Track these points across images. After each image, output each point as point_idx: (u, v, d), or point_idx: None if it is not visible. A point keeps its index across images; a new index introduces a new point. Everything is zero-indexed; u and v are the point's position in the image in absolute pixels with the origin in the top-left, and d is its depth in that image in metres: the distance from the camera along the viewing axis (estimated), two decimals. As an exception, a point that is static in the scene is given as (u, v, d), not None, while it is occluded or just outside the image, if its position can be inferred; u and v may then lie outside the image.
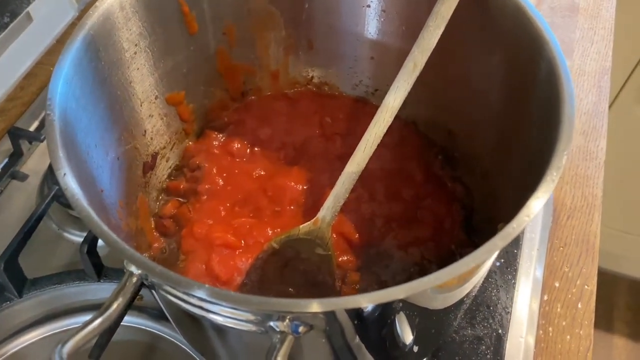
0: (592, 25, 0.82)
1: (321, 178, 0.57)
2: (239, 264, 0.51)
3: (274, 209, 0.56)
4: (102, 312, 0.33)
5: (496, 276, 0.57)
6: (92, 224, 0.33)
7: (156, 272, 0.31)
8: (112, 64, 0.47)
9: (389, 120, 0.49)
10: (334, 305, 0.31)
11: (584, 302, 0.57)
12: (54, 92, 0.38)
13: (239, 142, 0.60)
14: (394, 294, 0.31)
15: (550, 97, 0.40)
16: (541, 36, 0.42)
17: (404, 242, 0.53)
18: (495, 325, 0.54)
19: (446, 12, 0.46)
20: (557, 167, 0.35)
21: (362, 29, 0.58)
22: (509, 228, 0.33)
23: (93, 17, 0.44)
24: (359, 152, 0.49)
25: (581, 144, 0.70)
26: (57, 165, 0.35)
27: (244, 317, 0.34)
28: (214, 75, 0.59)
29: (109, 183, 0.46)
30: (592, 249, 0.61)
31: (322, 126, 0.61)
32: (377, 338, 0.40)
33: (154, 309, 0.56)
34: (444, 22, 0.47)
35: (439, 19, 0.46)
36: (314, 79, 0.64)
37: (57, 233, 0.62)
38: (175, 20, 0.52)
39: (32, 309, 0.57)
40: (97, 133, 0.44)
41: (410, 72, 0.48)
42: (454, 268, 0.32)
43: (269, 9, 0.57)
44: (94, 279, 0.55)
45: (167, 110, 0.56)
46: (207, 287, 0.31)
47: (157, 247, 0.54)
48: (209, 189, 0.56)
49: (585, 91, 0.75)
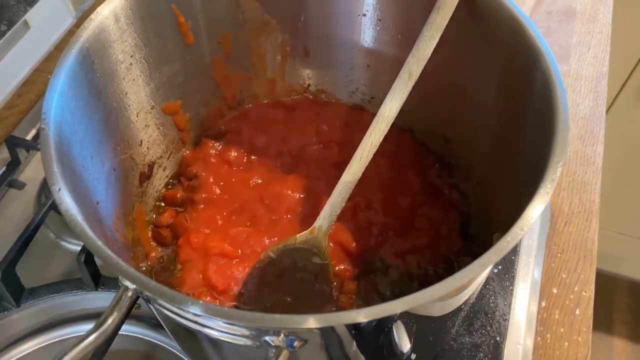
0: (589, 29, 0.82)
1: (318, 186, 0.57)
2: (235, 274, 0.51)
3: (271, 217, 0.56)
4: (98, 327, 0.33)
5: (494, 283, 0.57)
6: (87, 240, 0.33)
7: (150, 288, 0.31)
8: (108, 76, 0.46)
9: (384, 129, 0.49)
10: (330, 320, 0.31)
11: (582, 308, 0.57)
12: (49, 106, 0.38)
13: (236, 150, 0.60)
14: (391, 309, 0.32)
15: (544, 108, 0.40)
16: (536, 46, 0.42)
17: (401, 250, 0.53)
18: (493, 333, 0.54)
19: (441, 22, 0.46)
20: (552, 179, 0.35)
21: (358, 37, 0.58)
22: (504, 242, 0.33)
23: (88, 29, 0.44)
24: (355, 162, 0.49)
25: (578, 149, 0.69)
26: (51, 181, 0.35)
27: (239, 331, 0.34)
28: (210, 84, 0.59)
29: (105, 194, 0.46)
30: (590, 255, 0.61)
31: (318, 134, 0.61)
32: (375, 347, 0.40)
33: (151, 318, 0.56)
34: (438, 32, 0.47)
35: (434, 29, 0.46)
36: (310, 86, 0.64)
37: (55, 242, 0.62)
38: (171, 31, 0.52)
39: (30, 318, 0.57)
40: (92, 145, 0.44)
41: (406, 81, 0.48)
42: (448, 283, 0.32)
43: (264, 17, 0.57)
44: (91, 288, 0.55)
45: (163, 120, 0.56)
46: (202, 302, 0.31)
47: (154, 257, 0.54)
48: (206, 198, 0.56)
49: (583, 96, 0.74)
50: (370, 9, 0.55)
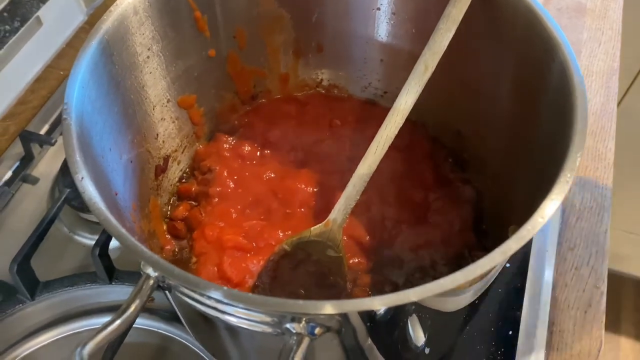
0: (600, 26, 0.82)
1: (331, 180, 0.57)
2: (250, 266, 0.52)
3: (285, 211, 0.56)
4: (121, 314, 0.33)
5: (506, 278, 0.57)
6: (111, 227, 0.33)
7: (174, 274, 0.32)
8: (126, 68, 0.47)
9: (400, 122, 0.49)
10: (352, 306, 0.31)
11: (594, 303, 0.57)
12: (71, 96, 0.39)
13: (249, 144, 0.60)
14: (408, 297, 0.32)
15: (562, 99, 0.40)
16: (553, 38, 0.42)
17: (414, 245, 0.53)
18: (506, 327, 0.54)
19: (457, 14, 0.46)
20: (571, 168, 0.36)
21: (372, 31, 0.58)
22: (524, 230, 0.33)
23: (107, 21, 0.44)
24: (370, 154, 0.50)
25: (590, 144, 0.69)
26: (74, 169, 0.35)
27: (259, 318, 0.34)
28: (225, 78, 0.59)
29: (122, 186, 0.46)
30: (602, 250, 0.61)
31: (331, 128, 0.61)
32: (390, 340, 0.40)
33: (165, 311, 0.56)
34: (454, 25, 0.47)
35: (450, 22, 0.46)
36: (323, 81, 0.64)
37: (68, 236, 0.62)
38: (187, 25, 0.52)
39: (45, 311, 0.57)
40: (111, 136, 0.45)
41: (422, 74, 0.48)
42: (469, 271, 0.32)
43: (278, 12, 0.57)
44: (105, 281, 0.56)
45: (178, 114, 0.56)
46: (225, 288, 0.31)
47: (169, 250, 0.54)
48: (220, 192, 0.57)
49: (594, 92, 0.74)
50: (384, 2, 0.55)
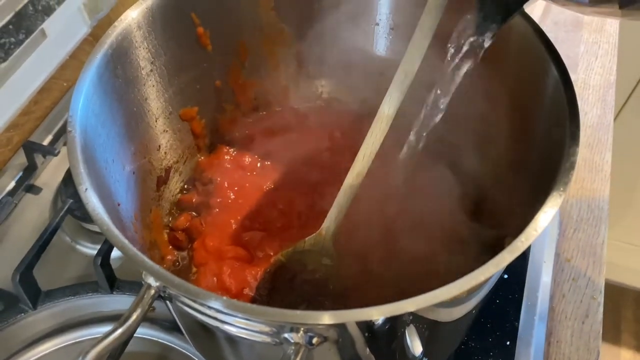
0: (596, 39, 0.83)
1: (331, 191, 0.57)
2: (249, 277, 0.52)
3: (284, 221, 0.56)
4: (122, 323, 0.33)
5: (504, 288, 0.58)
6: (113, 238, 0.34)
7: (175, 284, 0.32)
8: (129, 81, 0.48)
9: (385, 129, 0.49)
10: (348, 317, 0.31)
11: (591, 314, 0.58)
12: (75, 108, 0.40)
13: (250, 156, 0.61)
14: (405, 307, 0.32)
15: (556, 114, 0.41)
16: (547, 53, 0.43)
17: (412, 257, 0.54)
18: (504, 337, 0.55)
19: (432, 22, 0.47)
20: (564, 182, 0.36)
21: (372, 46, 0.59)
22: (518, 242, 0.34)
23: (112, 36, 0.45)
24: (357, 162, 0.50)
25: (587, 157, 0.70)
26: (79, 181, 0.36)
27: (258, 328, 0.35)
28: (226, 91, 0.60)
29: (125, 197, 0.47)
30: (599, 262, 0.61)
31: (331, 140, 0.62)
32: (387, 350, 0.41)
33: (165, 321, 0.57)
34: (431, 32, 0.47)
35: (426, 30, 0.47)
36: (323, 94, 0.65)
37: (71, 245, 0.63)
38: (190, 39, 0.53)
39: (46, 320, 0.57)
40: (114, 148, 0.46)
41: (402, 81, 0.49)
42: (464, 282, 0.33)
43: (279, 26, 0.58)
44: (107, 291, 0.56)
45: (180, 126, 0.57)
46: (225, 299, 0.32)
47: (170, 260, 0.54)
48: (221, 203, 0.57)
49: (590, 105, 0.75)
50: (383, 18, 0.56)
